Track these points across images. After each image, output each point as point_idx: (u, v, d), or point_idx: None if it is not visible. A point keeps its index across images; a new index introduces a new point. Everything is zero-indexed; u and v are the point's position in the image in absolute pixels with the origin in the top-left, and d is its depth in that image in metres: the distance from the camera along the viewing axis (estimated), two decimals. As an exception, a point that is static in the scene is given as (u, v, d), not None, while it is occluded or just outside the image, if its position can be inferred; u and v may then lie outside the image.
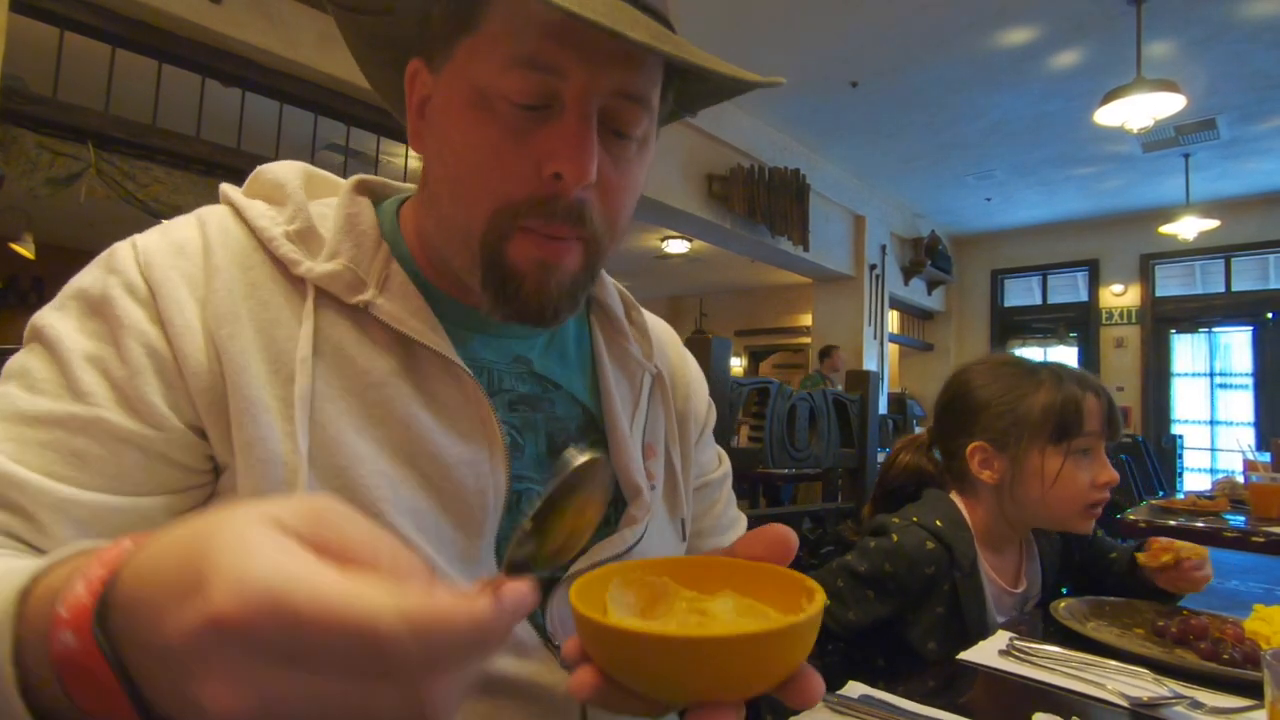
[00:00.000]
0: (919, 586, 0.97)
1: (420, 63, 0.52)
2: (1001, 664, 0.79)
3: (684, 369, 0.72)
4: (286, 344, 0.47)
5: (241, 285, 0.48)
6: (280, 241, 0.50)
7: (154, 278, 0.47)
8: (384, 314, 0.50)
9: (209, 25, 2.70)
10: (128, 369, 0.45)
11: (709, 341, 1.11)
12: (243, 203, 0.52)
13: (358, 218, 0.53)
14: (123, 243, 0.49)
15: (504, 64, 0.45)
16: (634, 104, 0.48)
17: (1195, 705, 0.69)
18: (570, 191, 0.47)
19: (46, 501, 0.42)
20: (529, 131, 0.47)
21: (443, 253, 0.53)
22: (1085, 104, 4.13)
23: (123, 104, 2.69)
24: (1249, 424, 6.36)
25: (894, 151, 5.49)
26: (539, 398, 0.57)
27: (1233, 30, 3.68)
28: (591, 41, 0.45)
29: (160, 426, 0.45)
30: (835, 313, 6.42)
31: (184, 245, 0.49)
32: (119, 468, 0.44)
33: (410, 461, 0.49)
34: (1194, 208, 5.45)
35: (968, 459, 1.05)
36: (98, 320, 0.46)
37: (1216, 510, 2.16)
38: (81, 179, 2.61)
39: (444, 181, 0.50)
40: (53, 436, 0.43)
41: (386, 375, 0.49)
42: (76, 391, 0.44)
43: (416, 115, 0.53)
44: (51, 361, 0.45)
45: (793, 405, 1.32)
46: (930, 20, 3.68)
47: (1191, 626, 0.87)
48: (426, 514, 0.48)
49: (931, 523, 1.01)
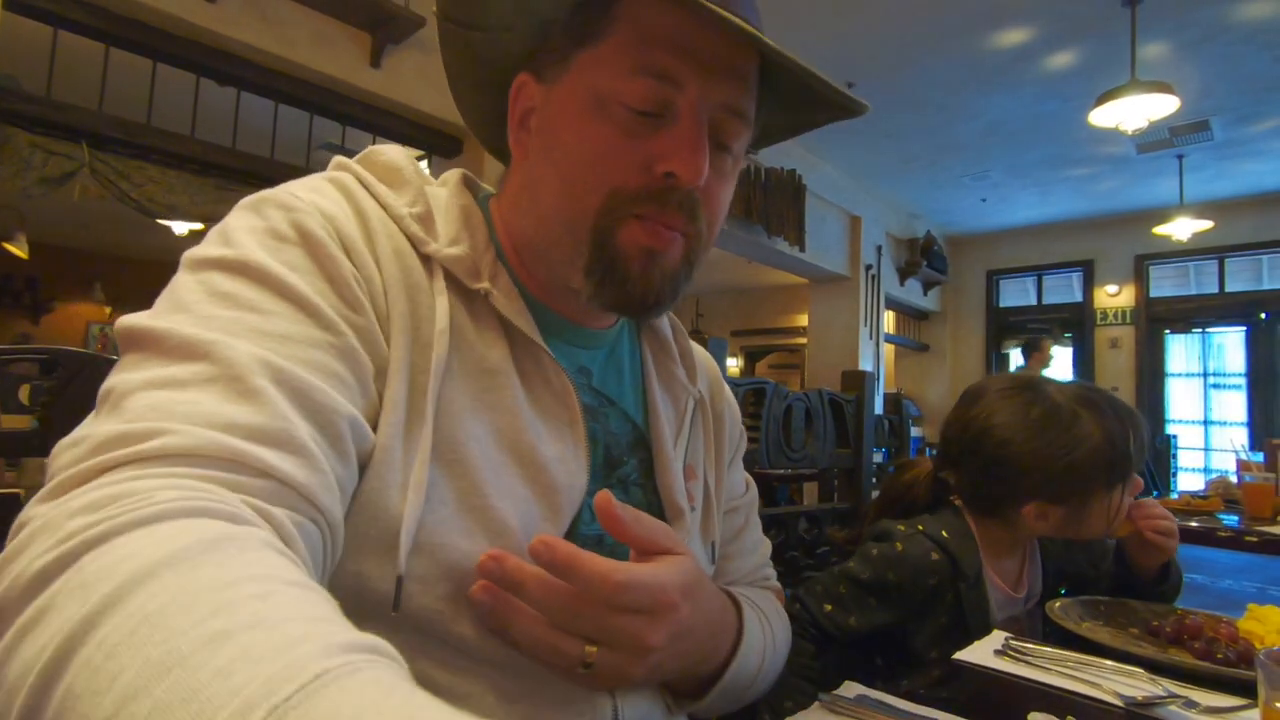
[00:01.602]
0: (922, 597, 0.97)
1: (529, 76, 0.54)
2: (997, 663, 0.80)
3: (721, 396, 0.73)
4: (425, 313, 0.49)
5: (391, 252, 0.49)
6: (409, 220, 0.51)
7: (341, 230, 0.47)
8: (499, 304, 0.52)
9: (204, 24, 2.69)
10: (358, 309, 0.45)
11: (705, 342, 1.11)
12: (369, 176, 0.52)
13: (469, 210, 0.55)
14: (274, 190, 0.47)
15: (626, 71, 0.49)
16: (737, 119, 0.52)
17: (1189, 704, 0.69)
18: (683, 189, 0.50)
19: (341, 414, 0.41)
20: (643, 135, 0.49)
21: (539, 250, 0.55)
22: (1080, 105, 4.14)
23: (117, 103, 2.68)
24: (1242, 424, 6.39)
25: (890, 152, 5.50)
26: (597, 410, 0.59)
27: (1227, 33, 3.70)
28: (709, 57, 0.49)
29: (381, 364, 0.46)
30: (831, 313, 6.43)
31: (342, 206, 0.49)
32: (367, 403, 0.44)
33: (512, 449, 0.50)
34: (1188, 209, 5.47)
35: (1022, 515, 1.00)
36: (300, 255, 0.44)
37: (1210, 510, 2.17)
38: (75, 178, 2.60)
39: (551, 179, 0.52)
40: (313, 357, 0.41)
41: (499, 363, 0.51)
42: (322, 319, 0.42)
43: (519, 126, 0.55)
44: (266, 287, 0.41)
45: (788, 406, 1.32)
46: (926, 21, 3.69)
47: (1186, 626, 0.87)
48: (524, 501, 0.50)
49: (938, 533, 1.00)
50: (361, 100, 3.24)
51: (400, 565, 0.43)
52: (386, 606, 0.44)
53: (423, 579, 0.45)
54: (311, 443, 0.38)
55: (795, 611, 1.00)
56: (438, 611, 0.45)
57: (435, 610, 0.45)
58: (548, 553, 0.44)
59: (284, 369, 0.38)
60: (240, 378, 0.37)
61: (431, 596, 0.45)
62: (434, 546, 0.45)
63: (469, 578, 0.46)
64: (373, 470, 0.44)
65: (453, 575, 0.46)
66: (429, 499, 0.45)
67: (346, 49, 3.08)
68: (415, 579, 0.44)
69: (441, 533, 0.45)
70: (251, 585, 0.27)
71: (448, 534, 0.46)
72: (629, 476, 0.59)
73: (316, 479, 0.38)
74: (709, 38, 0.48)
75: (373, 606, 0.44)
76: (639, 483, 0.59)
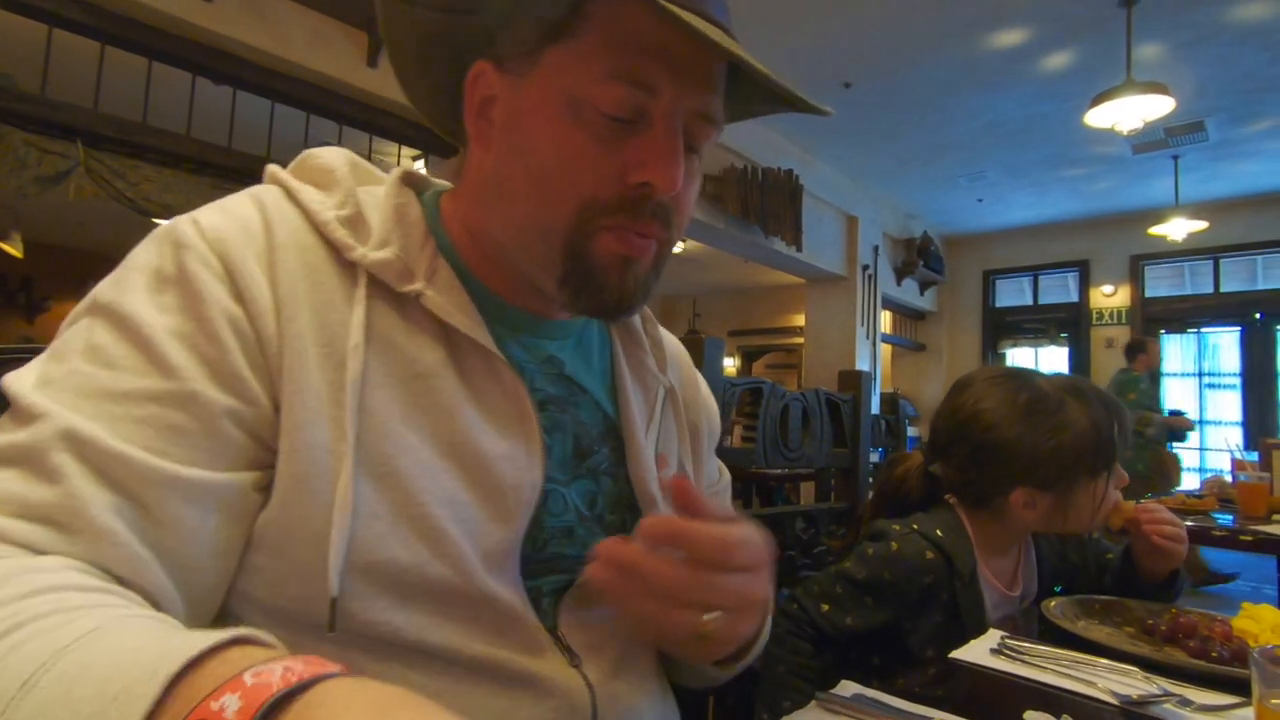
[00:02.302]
0: (916, 595, 0.97)
1: (489, 64, 0.53)
2: (993, 662, 0.80)
3: (695, 384, 0.73)
4: (339, 328, 0.48)
5: (299, 266, 0.48)
6: (334, 225, 0.50)
7: (228, 255, 0.46)
8: (433, 305, 0.51)
9: (200, 23, 2.68)
10: (217, 345, 0.44)
11: (702, 342, 1.11)
12: (295, 184, 0.52)
13: (406, 209, 0.54)
14: (180, 219, 0.48)
15: (599, 76, 0.48)
16: (708, 123, 0.52)
17: (1184, 703, 0.69)
18: (656, 198, 0.50)
19: (155, 479, 0.40)
20: (616, 141, 0.49)
21: (505, 249, 0.54)
22: (1076, 106, 4.15)
23: (112, 102, 2.67)
24: (1237, 423, 6.41)
25: (887, 152, 5.50)
26: (566, 400, 0.58)
27: (1222, 33, 3.71)
28: (684, 62, 0.48)
29: (253, 401, 0.45)
30: (828, 313, 6.43)
31: (247, 223, 0.48)
32: (216, 443, 0.43)
33: (452, 453, 0.49)
34: (1183, 209, 5.48)
35: (1011, 503, 1.01)
36: (175, 295, 0.45)
37: (1205, 509, 2.18)
38: (70, 177, 2.59)
39: (522, 182, 0.51)
40: (146, 412, 0.41)
41: (434, 366, 0.50)
42: (165, 367, 0.42)
43: (478, 114, 0.54)
44: (127, 338, 0.43)
45: (785, 406, 1.32)
46: (923, 22, 3.70)
47: (1180, 625, 0.87)
48: (465, 505, 0.49)
49: (932, 531, 1.01)
50: (358, 99, 3.24)
51: (332, 587, 0.43)
52: (325, 628, 0.44)
53: (362, 596, 0.45)
54: (108, 514, 0.39)
55: (793, 611, 1.01)
56: (385, 624, 0.45)
57: (383, 624, 0.45)
58: (656, 528, 0.44)
59: (93, 441, 0.39)
60: (42, 456, 0.39)
61: (375, 611, 0.45)
62: (371, 563, 0.45)
63: (415, 588, 0.46)
64: (288, 498, 0.44)
65: (397, 587, 0.46)
66: (360, 515, 0.45)
67: (343, 48, 3.07)
68: (354, 598, 0.44)
69: (379, 548, 0.45)
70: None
71: (385, 548, 0.45)
72: (600, 466, 0.59)
73: (110, 552, 0.39)
74: (683, 43, 0.48)
75: (314, 629, 0.44)
76: (609, 472, 0.59)
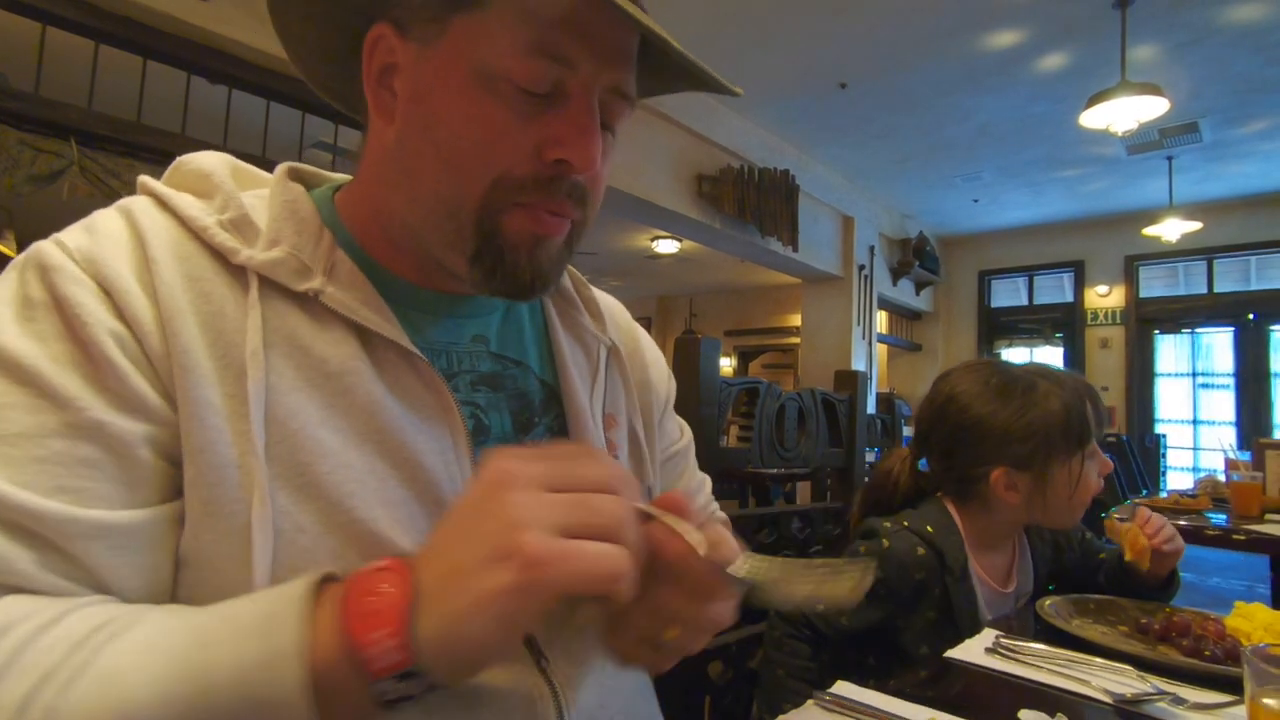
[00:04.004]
0: (909, 592, 0.98)
1: (388, 28, 0.49)
2: (987, 662, 0.80)
3: (637, 342, 0.72)
4: (234, 337, 0.44)
5: (180, 278, 0.45)
6: (215, 230, 0.47)
7: (102, 274, 0.43)
8: (334, 302, 0.48)
9: (195, 22, 2.67)
10: (110, 367, 0.41)
11: (698, 341, 1.11)
12: (167, 192, 0.49)
13: (295, 204, 0.51)
14: (41, 244, 0.44)
15: (514, 49, 0.45)
16: (624, 100, 0.51)
17: (1177, 701, 0.70)
18: (572, 175, 0.49)
19: (76, 531, 0.38)
20: (531, 116, 0.47)
21: (411, 228, 0.51)
22: (1071, 107, 4.16)
23: (107, 101, 2.66)
24: (1230, 423, 6.44)
25: (883, 153, 5.51)
26: (499, 375, 0.57)
27: (1215, 35, 3.73)
28: (602, 37, 0.47)
29: (163, 422, 0.42)
30: (824, 313, 6.44)
31: (116, 238, 0.45)
32: (134, 474, 0.41)
33: (380, 451, 0.47)
34: (1177, 210, 5.51)
35: (992, 485, 1.03)
36: (50, 321, 0.41)
37: (1199, 509, 2.19)
38: (64, 176, 2.57)
39: (430, 158, 0.48)
40: (49, 450, 0.39)
41: (346, 363, 0.47)
42: (59, 398, 0.39)
43: (377, 83, 0.51)
44: (6, 374, 0.40)
45: (781, 405, 1.32)
46: (919, 23, 3.70)
47: (1174, 624, 0.88)
48: (402, 505, 0.46)
49: (922, 527, 1.01)
50: (354, 99, 3.23)
51: None
52: None
53: None
54: (37, 569, 0.38)
55: (788, 612, 1.01)
56: None
57: None
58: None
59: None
60: None
61: None
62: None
63: None
64: (200, 525, 0.42)
65: None
66: (282, 532, 0.42)
67: (339, 47, 3.06)
68: None
69: (305, 564, 0.41)
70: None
71: (311, 563, 0.41)
72: (543, 437, 0.57)
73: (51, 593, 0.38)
74: (600, 17, 0.46)
75: None
76: (555, 441, 0.57)
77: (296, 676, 0.34)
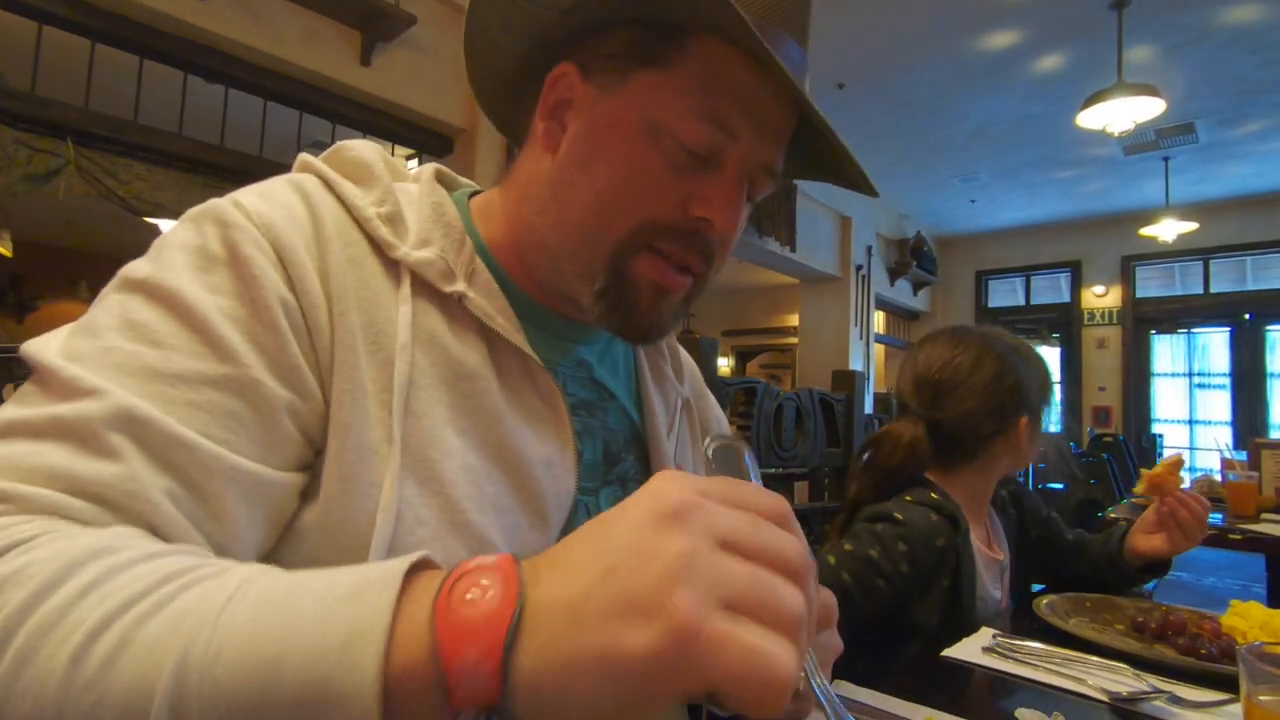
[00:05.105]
0: (933, 560, 0.98)
1: (573, 68, 0.52)
2: (985, 660, 0.80)
3: (705, 397, 0.74)
4: (384, 326, 0.46)
5: (346, 261, 0.47)
6: (377, 223, 0.49)
7: (280, 242, 0.44)
8: (474, 307, 0.50)
9: (192, 21, 2.66)
10: (275, 333, 0.42)
11: (696, 341, 1.11)
12: (334, 176, 0.51)
13: (442, 207, 0.53)
14: (220, 201, 0.46)
15: (687, 111, 0.49)
16: (770, 178, 0.54)
17: (1174, 700, 0.70)
18: (709, 234, 0.51)
19: (216, 469, 0.38)
20: (687, 172, 0.50)
21: (549, 252, 0.54)
22: (1068, 107, 4.17)
23: (103, 100, 2.65)
24: (1226, 423, 6.46)
25: (880, 153, 5.52)
26: (596, 404, 0.58)
27: (1212, 36, 3.74)
28: (766, 116, 0.50)
29: (309, 396, 0.43)
30: (822, 313, 6.45)
31: (293, 211, 0.47)
32: (271, 438, 0.42)
33: (496, 457, 0.48)
34: (1173, 210, 5.53)
35: (1019, 433, 1.09)
36: (226, 277, 0.43)
37: (1195, 508, 2.19)
38: (60, 175, 2.57)
39: (586, 190, 0.51)
40: (204, 398, 0.39)
41: (478, 367, 0.49)
42: (223, 351, 0.40)
43: (549, 114, 0.54)
44: (176, 316, 0.41)
45: (779, 405, 1.32)
46: (916, 23, 3.71)
47: (1170, 622, 0.88)
48: (508, 511, 0.48)
49: (927, 496, 1.03)
50: (351, 99, 3.22)
51: None
52: None
53: None
54: (168, 501, 0.37)
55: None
56: None
57: None
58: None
59: (152, 423, 0.37)
60: (96, 434, 0.36)
61: None
62: None
63: None
64: (334, 499, 0.43)
65: None
66: (404, 520, 0.43)
67: (337, 47, 3.06)
68: None
69: None
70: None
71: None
72: (628, 473, 0.58)
73: (169, 527, 0.37)
74: (771, 98, 0.50)
75: None
76: (636, 479, 0.59)
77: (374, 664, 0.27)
